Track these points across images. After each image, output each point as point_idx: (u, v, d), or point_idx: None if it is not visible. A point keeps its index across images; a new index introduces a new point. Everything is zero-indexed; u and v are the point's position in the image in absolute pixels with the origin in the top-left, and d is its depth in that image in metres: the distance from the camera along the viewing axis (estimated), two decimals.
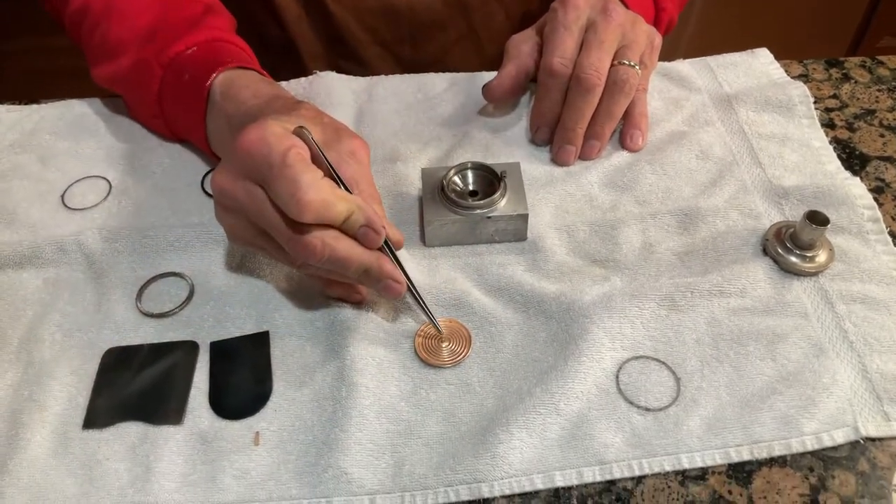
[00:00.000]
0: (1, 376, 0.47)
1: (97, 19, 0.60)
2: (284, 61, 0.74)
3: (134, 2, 0.59)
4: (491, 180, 0.54)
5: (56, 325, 0.49)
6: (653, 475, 0.42)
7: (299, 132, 0.43)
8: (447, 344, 0.48)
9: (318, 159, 0.44)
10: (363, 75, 0.68)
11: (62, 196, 0.58)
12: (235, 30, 0.62)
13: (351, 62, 0.75)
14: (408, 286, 0.46)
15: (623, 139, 0.60)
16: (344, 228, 0.43)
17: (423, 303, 0.47)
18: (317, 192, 0.41)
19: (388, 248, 0.46)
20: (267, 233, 0.44)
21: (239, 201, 0.44)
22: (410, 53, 0.75)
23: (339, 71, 0.68)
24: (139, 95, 0.59)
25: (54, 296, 0.51)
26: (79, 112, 0.64)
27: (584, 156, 0.59)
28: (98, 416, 0.45)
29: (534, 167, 0.58)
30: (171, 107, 0.57)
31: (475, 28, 0.74)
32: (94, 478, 0.42)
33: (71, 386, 0.46)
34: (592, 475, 0.42)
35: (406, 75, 0.67)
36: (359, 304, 0.49)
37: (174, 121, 0.58)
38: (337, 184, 0.44)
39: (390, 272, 0.45)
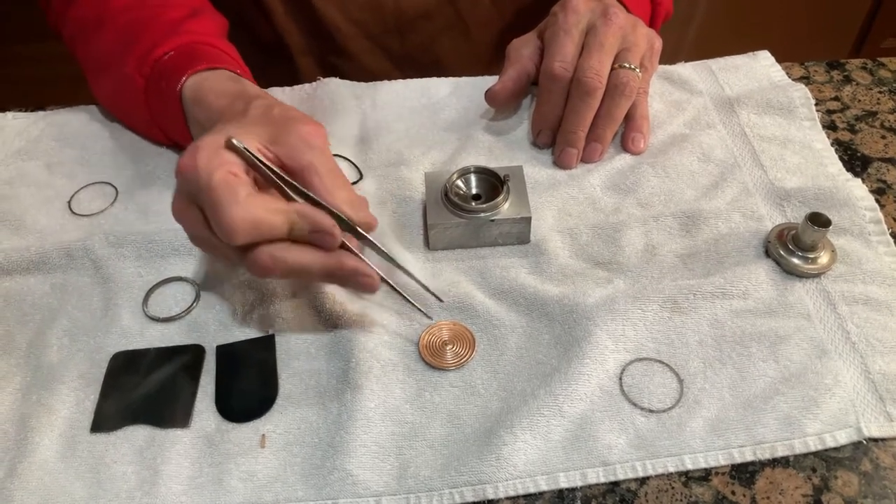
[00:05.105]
0: (9, 381, 0.47)
1: (90, 34, 0.60)
2: (275, 59, 0.74)
3: (121, 12, 0.59)
4: (494, 184, 0.54)
5: (64, 329, 0.50)
6: (656, 476, 0.42)
7: (230, 145, 0.42)
8: (451, 346, 0.48)
9: (258, 169, 0.43)
10: (353, 70, 0.68)
11: (69, 202, 0.58)
12: (226, 32, 0.62)
13: (340, 57, 0.74)
14: (381, 277, 0.45)
15: (625, 142, 0.60)
16: (294, 238, 0.43)
17: (402, 293, 0.46)
18: (241, 212, 0.40)
19: (364, 236, 0.44)
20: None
21: (187, 224, 0.44)
22: (399, 45, 0.75)
23: (329, 65, 0.68)
24: (131, 105, 0.59)
25: (62, 301, 0.51)
26: (85, 118, 0.65)
27: (586, 159, 0.59)
28: (106, 419, 0.45)
29: (536, 170, 0.59)
30: (158, 114, 0.57)
31: (462, 16, 0.74)
32: (101, 481, 0.43)
33: (78, 390, 0.47)
34: (596, 476, 0.42)
35: (409, 80, 0.67)
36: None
37: (166, 127, 0.58)
38: (284, 188, 0.43)
39: (354, 269, 0.44)
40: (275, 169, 0.43)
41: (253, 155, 0.43)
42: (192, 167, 0.41)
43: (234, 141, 0.42)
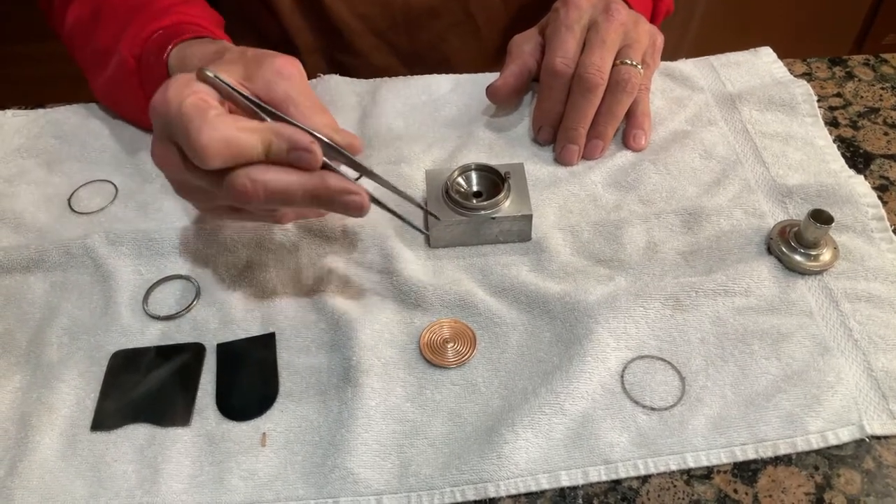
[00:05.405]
0: (9, 379, 0.47)
1: (86, 31, 0.60)
2: None
3: (115, 6, 0.59)
4: (495, 181, 0.54)
5: (63, 328, 0.49)
6: (658, 474, 0.42)
7: (202, 76, 0.41)
8: (452, 344, 0.48)
9: (232, 97, 0.42)
10: (361, 67, 0.67)
11: (69, 200, 0.58)
12: (222, 26, 0.62)
13: (347, 54, 0.74)
14: (372, 196, 0.43)
15: (626, 139, 0.60)
16: (273, 160, 0.41)
17: (395, 211, 0.45)
18: (211, 132, 0.39)
19: (350, 159, 0.43)
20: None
21: (165, 166, 0.43)
22: (406, 42, 0.75)
23: (337, 63, 0.67)
24: (127, 92, 0.59)
25: (61, 299, 0.51)
26: (85, 116, 0.65)
27: (587, 155, 0.59)
28: (106, 418, 0.45)
29: (538, 168, 0.58)
30: (151, 93, 0.57)
31: (471, 13, 0.73)
32: (102, 479, 0.43)
33: (79, 388, 0.47)
34: (598, 475, 0.42)
35: (410, 77, 0.67)
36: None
37: None
38: (261, 116, 0.42)
39: (340, 187, 0.42)
40: (250, 96, 0.42)
41: (225, 82, 0.42)
42: (163, 100, 0.40)
43: (207, 71, 0.41)
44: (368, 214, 0.44)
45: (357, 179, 0.44)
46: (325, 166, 0.42)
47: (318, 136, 0.43)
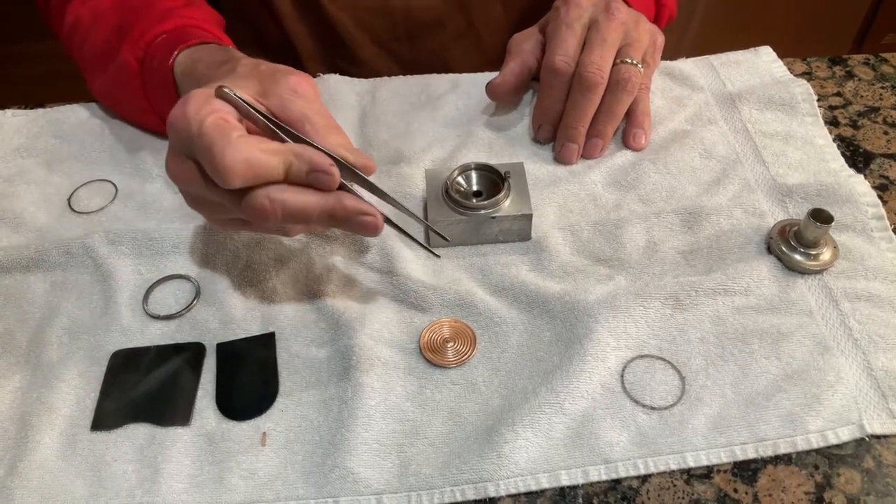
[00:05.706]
0: (9, 379, 0.47)
1: (86, 31, 0.60)
2: (284, 63, 0.74)
3: (116, 7, 0.59)
4: (495, 181, 0.54)
5: (63, 327, 0.49)
6: (658, 474, 0.42)
7: (221, 94, 0.42)
8: (452, 344, 0.48)
9: (250, 116, 0.42)
10: (361, 74, 0.68)
11: (68, 200, 0.58)
12: (223, 26, 0.62)
13: (349, 62, 0.74)
14: (385, 217, 0.44)
15: (626, 138, 0.60)
16: (291, 181, 0.42)
17: (407, 232, 0.46)
18: (234, 153, 0.39)
19: (363, 179, 0.44)
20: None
21: (182, 180, 0.43)
22: (408, 52, 0.75)
23: (338, 71, 0.68)
24: (127, 93, 0.59)
25: (61, 298, 0.51)
26: (84, 116, 0.65)
27: (586, 154, 0.59)
28: (106, 417, 0.45)
29: (537, 167, 0.58)
30: (153, 96, 0.57)
31: (474, 24, 0.73)
32: (102, 479, 0.43)
33: (79, 388, 0.46)
34: (598, 474, 0.42)
35: (409, 77, 0.67)
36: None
37: (161, 109, 0.58)
38: (278, 135, 0.43)
39: (355, 208, 0.42)
40: (268, 115, 0.43)
41: (245, 102, 0.42)
42: (182, 116, 0.41)
43: (226, 89, 0.42)
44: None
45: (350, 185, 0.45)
46: (340, 186, 0.43)
47: (332, 155, 0.43)
